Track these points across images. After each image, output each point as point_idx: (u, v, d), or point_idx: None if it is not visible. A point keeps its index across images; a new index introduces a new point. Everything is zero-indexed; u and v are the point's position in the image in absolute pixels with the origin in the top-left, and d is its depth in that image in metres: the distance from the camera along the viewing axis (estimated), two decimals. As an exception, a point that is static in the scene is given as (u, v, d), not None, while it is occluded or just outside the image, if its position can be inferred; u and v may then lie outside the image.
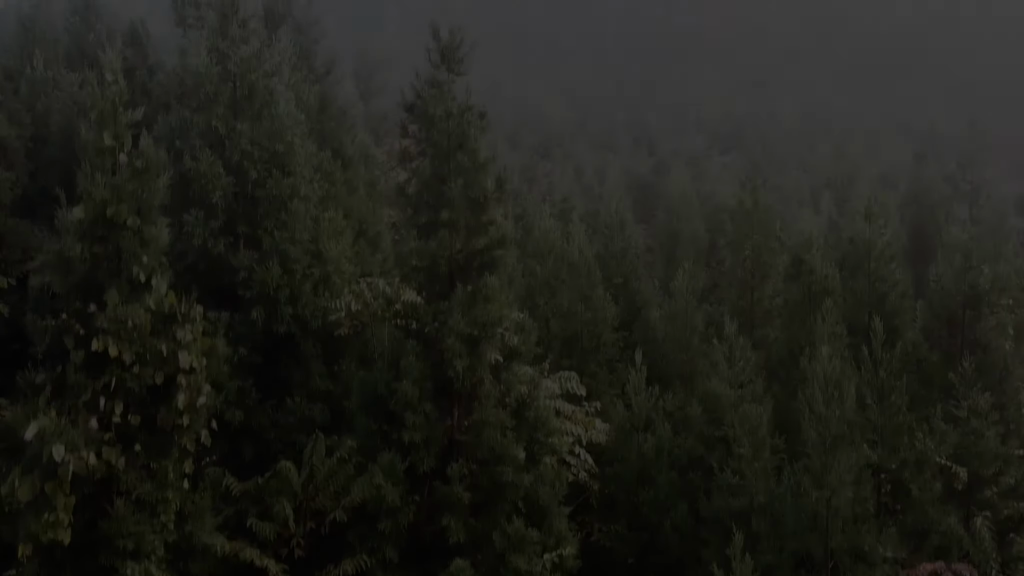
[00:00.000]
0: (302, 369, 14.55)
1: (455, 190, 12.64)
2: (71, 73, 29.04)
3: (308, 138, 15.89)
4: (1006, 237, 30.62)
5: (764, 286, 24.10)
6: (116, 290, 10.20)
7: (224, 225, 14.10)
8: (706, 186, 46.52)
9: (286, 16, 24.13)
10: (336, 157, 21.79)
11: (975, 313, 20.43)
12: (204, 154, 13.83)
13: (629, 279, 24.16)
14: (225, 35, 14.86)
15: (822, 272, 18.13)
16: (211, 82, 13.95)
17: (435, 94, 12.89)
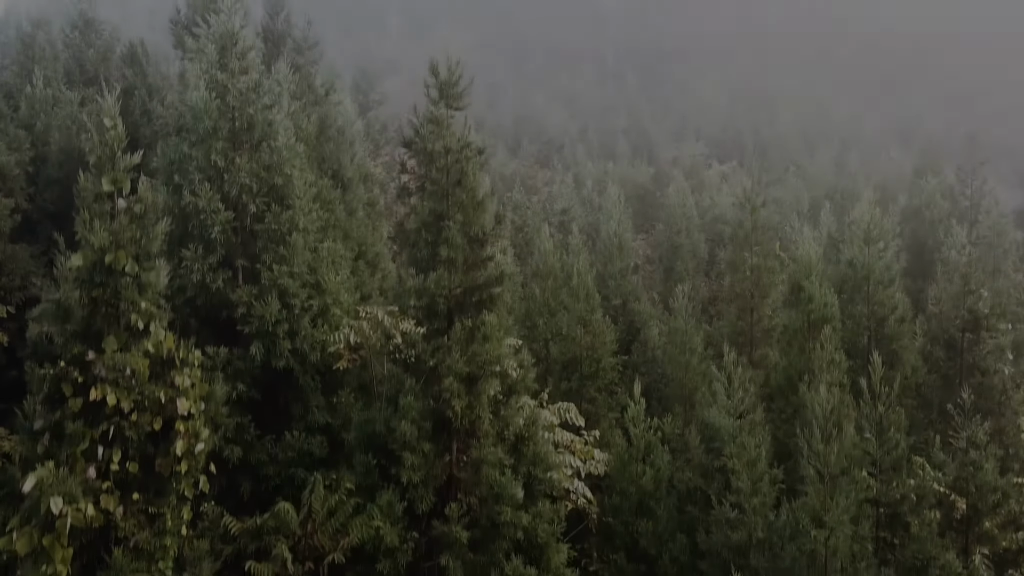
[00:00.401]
0: (301, 402, 14.56)
1: (453, 228, 12.64)
2: (70, 90, 29.14)
3: (307, 167, 15.86)
4: (1006, 253, 30.62)
5: (763, 306, 24.08)
6: (114, 337, 10.20)
7: (223, 259, 14.11)
8: (706, 198, 46.49)
9: (285, 36, 24.17)
10: (335, 179, 21.86)
11: (974, 336, 20.45)
12: (203, 189, 13.84)
13: (628, 300, 24.16)
14: (224, 67, 14.86)
15: (821, 299, 18.10)
16: (210, 117, 13.95)
17: (433, 131, 12.88)
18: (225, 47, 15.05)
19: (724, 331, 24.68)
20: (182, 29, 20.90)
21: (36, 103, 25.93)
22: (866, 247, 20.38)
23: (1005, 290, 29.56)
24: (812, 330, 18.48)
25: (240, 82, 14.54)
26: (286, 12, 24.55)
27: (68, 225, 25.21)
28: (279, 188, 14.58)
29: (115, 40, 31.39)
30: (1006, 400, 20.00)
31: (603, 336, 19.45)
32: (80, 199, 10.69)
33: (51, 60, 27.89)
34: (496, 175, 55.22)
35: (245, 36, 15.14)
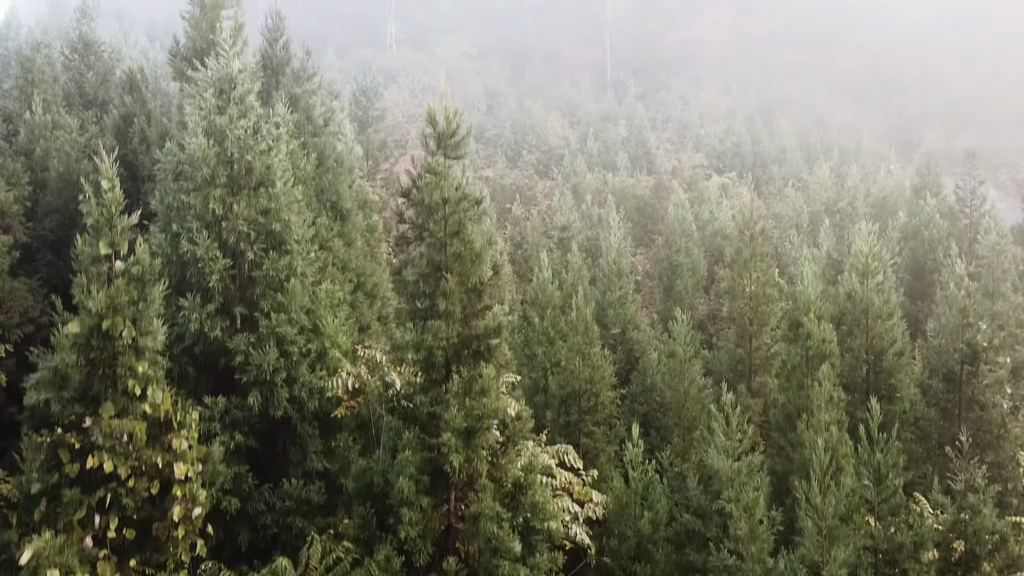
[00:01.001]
0: (299, 447, 14.57)
1: (451, 281, 12.65)
2: (70, 113, 29.18)
3: (305, 210, 15.87)
4: (1005, 274, 30.59)
5: (762, 334, 24.11)
6: (111, 402, 10.20)
7: (221, 306, 14.11)
8: (705, 211, 46.44)
9: (285, 65, 24.15)
10: (334, 210, 21.88)
11: (973, 369, 20.45)
12: (201, 237, 13.84)
13: (627, 328, 24.16)
14: (222, 111, 14.87)
15: (819, 335, 18.11)
16: (208, 165, 13.95)
17: (431, 182, 12.88)
18: (223, 90, 15.06)
19: (723, 359, 24.72)
20: (181, 60, 20.89)
21: (35, 129, 25.95)
22: (865, 279, 20.38)
23: (1004, 312, 29.64)
24: (811, 366, 18.50)
25: (238, 127, 14.54)
26: (285, 39, 24.51)
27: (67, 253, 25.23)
28: (277, 233, 14.59)
29: (115, 61, 31.48)
30: (1005, 434, 20.01)
31: (602, 370, 19.43)
32: (77, 262, 10.68)
33: (50, 83, 27.92)
34: (496, 186, 55.27)
35: (243, 80, 15.14)
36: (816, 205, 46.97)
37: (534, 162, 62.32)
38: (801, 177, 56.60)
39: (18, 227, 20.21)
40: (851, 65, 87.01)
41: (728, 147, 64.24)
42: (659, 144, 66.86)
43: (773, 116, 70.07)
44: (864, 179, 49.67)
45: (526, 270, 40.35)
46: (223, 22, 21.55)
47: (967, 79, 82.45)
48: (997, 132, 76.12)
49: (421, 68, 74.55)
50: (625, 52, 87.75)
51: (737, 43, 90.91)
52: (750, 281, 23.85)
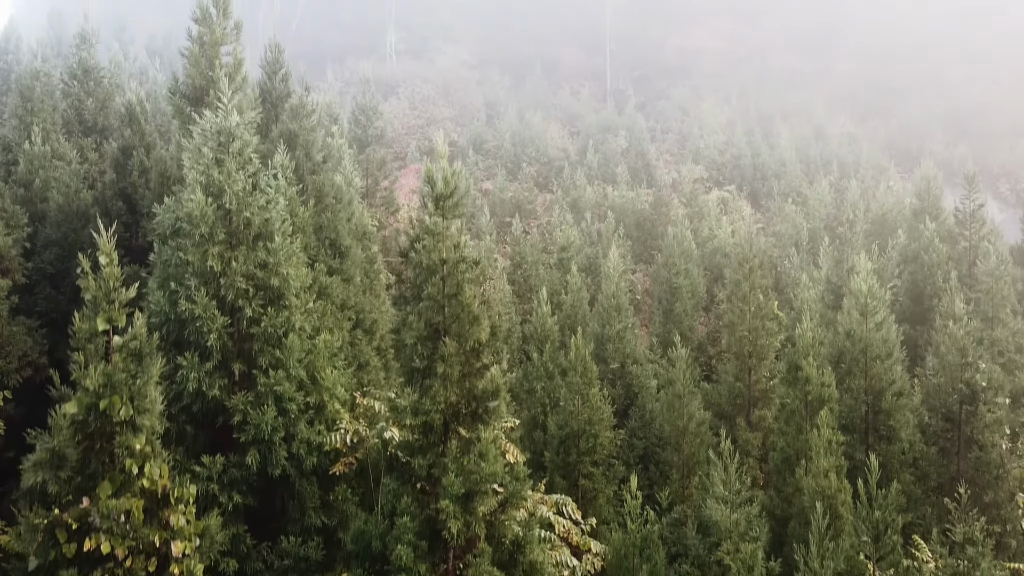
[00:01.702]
0: (297, 504, 14.56)
1: (450, 345, 12.64)
2: (69, 140, 29.19)
3: (302, 263, 15.85)
4: (1004, 299, 30.53)
5: (761, 367, 24.13)
6: (108, 481, 10.19)
7: (219, 363, 14.10)
8: (704, 227, 46.44)
9: (284, 99, 24.16)
10: (332, 247, 21.89)
11: (972, 408, 20.45)
12: (199, 295, 13.83)
13: (626, 362, 24.14)
14: (220, 164, 14.86)
15: (818, 380, 18.11)
16: (206, 223, 13.93)
17: (429, 244, 12.87)
18: (222, 143, 15.05)
19: (722, 391, 24.73)
20: (180, 98, 20.88)
21: (34, 159, 25.96)
22: (864, 319, 20.37)
23: (1003, 339, 29.63)
24: (810, 409, 18.51)
25: (236, 182, 14.52)
26: (284, 71, 24.53)
27: (67, 286, 25.21)
28: (275, 288, 14.58)
29: (114, 87, 31.47)
30: (1004, 474, 20.01)
31: (601, 411, 19.43)
32: (75, 339, 10.66)
33: (49, 112, 27.94)
34: (495, 199, 55.31)
35: (241, 133, 15.12)
36: (816, 222, 46.97)
37: (534, 174, 62.32)
38: (801, 191, 56.60)
39: (17, 269, 20.20)
40: (851, 73, 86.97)
41: (728, 159, 64.25)
42: (659, 155, 66.87)
43: (773, 126, 70.01)
44: (863, 195, 49.62)
45: (525, 290, 40.42)
46: (222, 59, 21.60)
47: (967, 88, 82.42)
48: (997, 142, 76.13)
49: (421, 78, 74.59)
50: (625, 60, 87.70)
51: (736, 51, 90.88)
52: (749, 314, 23.84)
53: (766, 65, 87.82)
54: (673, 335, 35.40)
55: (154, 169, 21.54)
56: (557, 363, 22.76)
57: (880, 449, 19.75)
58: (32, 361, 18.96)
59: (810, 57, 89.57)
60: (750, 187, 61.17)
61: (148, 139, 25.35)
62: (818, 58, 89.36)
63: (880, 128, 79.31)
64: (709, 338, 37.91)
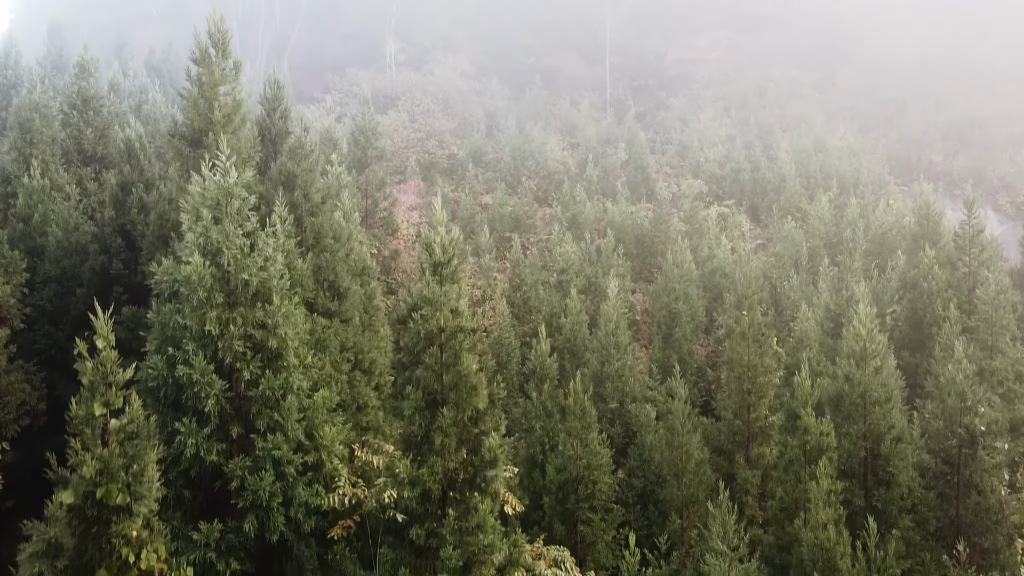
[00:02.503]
0: (295, 565, 14.55)
1: (447, 416, 12.64)
2: (68, 170, 29.18)
3: (301, 322, 15.84)
4: (1004, 328, 30.49)
5: (760, 405, 24.12)
6: (105, 569, 10.19)
7: (217, 427, 14.10)
8: (703, 246, 46.41)
9: (284, 136, 24.16)
10: (331, 290, 21.88)
11: (971, 452, 20.43)
12: (198, 360, 13.82)
13: (625, 401, 24.12)
14: (219, 222, 14.85)
15: (817, 429, 18.09)
16: (204, 287, 13.92)
17: (427, 313, 12.87)
18: (220, 203, 15.04)
19: (722, 429, 24.73)
20: (180, 140, 20.88)
21: (33, 194, 25.99)
22: (863, 364, 20.36)
23: (1003, 369, 29.61)
24: (809, 458, 18.49)
25: (234, 243, 14.51)
26: (283, 106, 24.55)
27: (65, 323, 25.16)
28: (273, 350, 14.57)
29: (113, 116, 31.50)
30: (1002, 519, 19.99)
31: (600, 456, 19.41)
32: (72, 424, 10.65)
33: (48, 143, 27.97)
34: (495, 214, 55.30)
35: (240, 192, 15.12)
36: (815, 240, 46.92)
37: (533, 188, 62.29)
38: (800, 207, 56.56)
39: (16, 315, 20.19)
40: (850, 84, 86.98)
41: (727, 172, 64.21)
42: (659, 168, 66.83)
43: (772, 138, 70.01)
44: (863, 213, 49.56)
45: (524, 311, 40.41)
46: (221, 99, 21.61)
47: (966, 99, 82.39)
48: (996, 153, 76.10)
49: (420, 90, 74.53)
50: (625, 71, 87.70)
51: (736, 61, 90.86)
52: (748, 353, 23.83)
53: (766, 76, 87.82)
54: (672, 360, 35.65)
55: (154, 211, 21.52)
56: (556, 402, 22.72)
57: (879, 495, 19.75)
58: (31, 408, 18.96)
59: (810, 68, 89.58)
60: (749, 201, 61.13)
61: (147, 175, 25.37)
62: (818, 69, 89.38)
63: (880, 139, 79.27)
64: (709, 360, 37.90)
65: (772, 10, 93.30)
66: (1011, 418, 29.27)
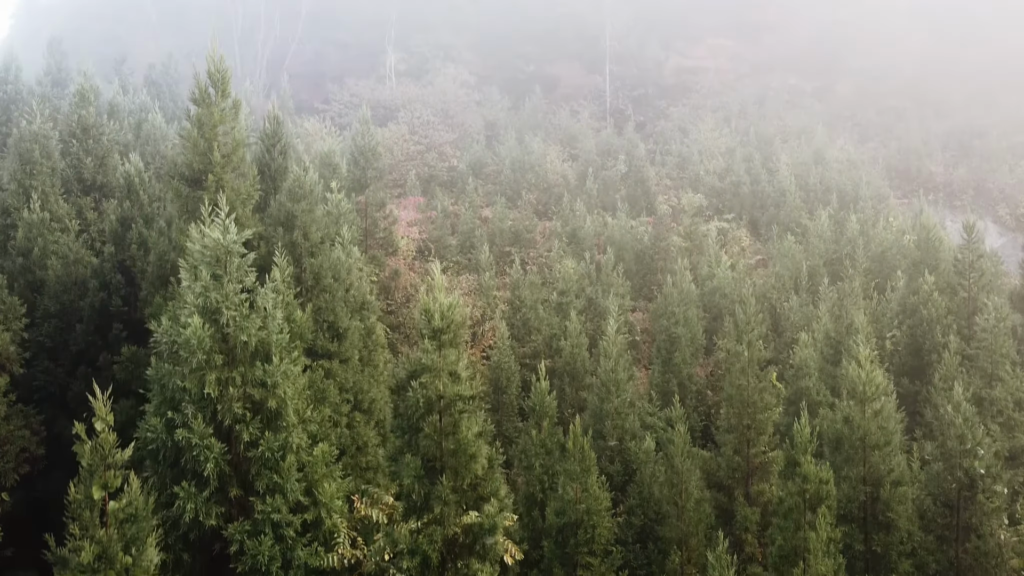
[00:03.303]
0: (295, 627, 14.55)
1: (446, 485, 12.65)
2: (68, 200, 29.17)
3: (300, 376, 15.83)
4: (1004, 357, 30.49)
5: (759, 441, 24.13)
6: (105, 653, 10.20)
7: (216, 489, 14.10)
8: (703, 264, 46.39)
9: (283, 172, 24.17)
10: (330, 330, 21.89)
11: (970, 495, 20.44)
12: (196, 423, 13.82)
13: (624, 439, 24.12)
14: (218, 279, 14.85)
15: (816, 476, 18.08)
16: (203, 350, 13.92)
17: (426, 381, 12.87)
18: (219, 258, 15.04)
19: (721, 464, 24.73)
20: (179, 181, 20.89)
21: (33, 227, 26.00)
22: (863, 406, 20.37)
23: (1002, 399, 29.63)
24: (808, 505, 18.48)
25: (233, 303, 14.51)
26: (282, 143, 24.56)
27: (65, 358, 25.11)
28: (273, 410, 14.57)
29: (113, 143, 31.51)
30: (1001, 562, 20.00)
31: (599, 501, 19.41)
32: (69, 509, 10.65)
33: (48, 175, 27.97)
34: (495, 229, 55.30)
35: (240, 250, 15.11)
36: (815, 259, 46.89)
37: (533, 201, 62.29)
38: (800, 222, 56.55)
39: (15, 360, 20.17)
40: (850, 92, 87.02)
41: (727, 186, 64.18)
42: (659, 181, 66.81)
43: (772, 149, 69.97)
44: (863, 231, 49.56)
45: (524, 333, 40.42)
46: (221, 138, 21.63)
47: (967, 108, 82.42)
48: (996, 164, 76.08)
49: (421, 102, 74.51)
50: (625, 80, 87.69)
51: (736, 69, 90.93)
52: (747, 388, 23.84)
53: (766, 84, 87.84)
54: (672, 384, 35.67)
55: (153, 251, 21.51)
56: (556, 440, 22.74)
57: (878, 539, 19.77)
58: (30, 455, 18.95)
59: (810, 76, 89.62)
60: (749, 215, 61.12)
61: (147, 210, 25.37)
62: (818, 77, 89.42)
63: (880, 149, 79.28)
64: (709, 382, 37.92)
65: (772, 18, 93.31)
66: (1011, 447, 29.30)
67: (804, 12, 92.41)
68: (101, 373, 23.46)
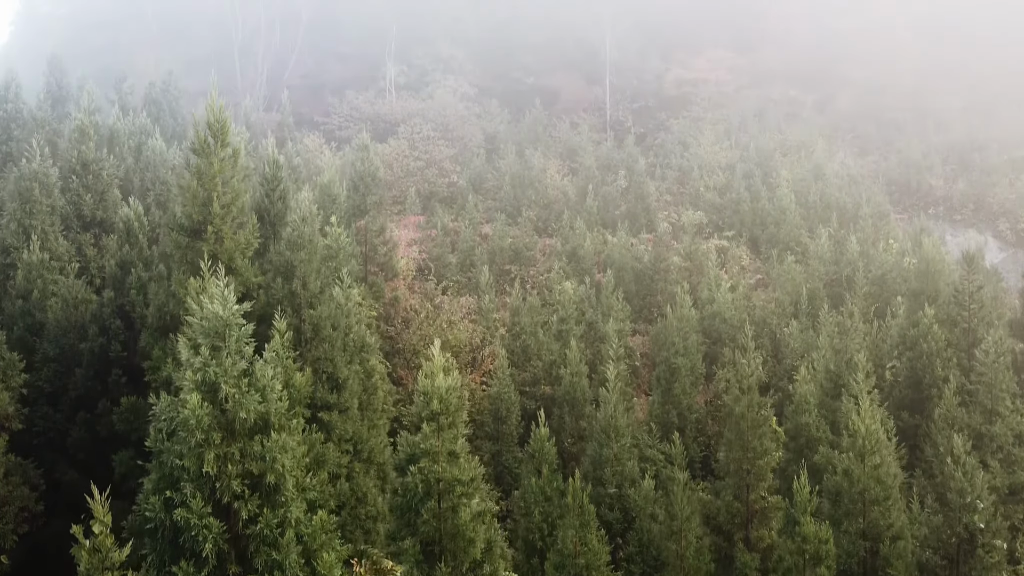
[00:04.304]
0: None
1: (444, 572, 12.65)
2: (67, 237, 29.17)
3: (300, 456, 15.80)
4: (1004, 392, 30.47)
5: (759, 487, 24.13)
6: None
7: (215, 568, 14.08)
8: (703, 288, 46.35)
9: (282, 217, 24.17)
10: (329, 381, 21.90)
11: (970, 548, 20.44)
12: (195, 502, 13.80)
13: (623, 485, 24.12)
14: (216, 352, 14.83)
15: (815, 536, 18.10)
16: (202, 429, 13.90)
17: (424, 466, 12.87)
18: (219, 331, 15.02)
19: (720, 508, 24.73)
20: (179, 233, 20.89)
21: (32, 269, 25.99)
22: (862, 460, 20.36)
23: (1001, 435, 29.63)
24: (808, 563, 18.50)
25: (232, 378, 14.49)
26: (282, 187, 24.55)
27: (64, 403, 25.09)
28: (271, 485, 14.55)
29: (112, 178, 31.52)
30: (1002, 618, 20.01)
31: (599, 557, 19.40)
32: None
33: (48, 214, 27.98)
34: (495, 247, 55.35)
35: (239, 321, 15.09)
36: (816, 281, 46.89)
37: (533, 218, 62.30)
38: (800, 240, 56.57)
39: (15, 417, 20.14)
40: (850, 104, 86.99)
41: (727, 202, 64.16)
42: (659, 197, 66.80)
43: (772, 164, 69.92)
44: (863, 252, 49.59)
45: (523, 360, 40.41)
46: (220, 188, 21.64)
47: (967, 120, 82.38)
48: (997, 178, 76.01)
49: (420, 116, 74.53)
50: (625, 91, 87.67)
51: (736, 81, 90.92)
52: (747, 434, 23.84)
53: (766, 95, 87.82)
54: (672, 415, 35.68)
55: (153, 303, 21.48)
56: (555, 486, 22.73)
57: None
58: (30, 514, 18.93)
59: (810, 87, 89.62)
60: (750, 232, 61.09)
61: (146, 254, 25.37)
62: (818, 88, 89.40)
63: (880, 163, 79.31)
64: (709, 411, 37.92)
65: (772, 29, 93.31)
66: (1011, 484, 29.31)
67: (804, 24, 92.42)
68: (100, 420, 23.50)
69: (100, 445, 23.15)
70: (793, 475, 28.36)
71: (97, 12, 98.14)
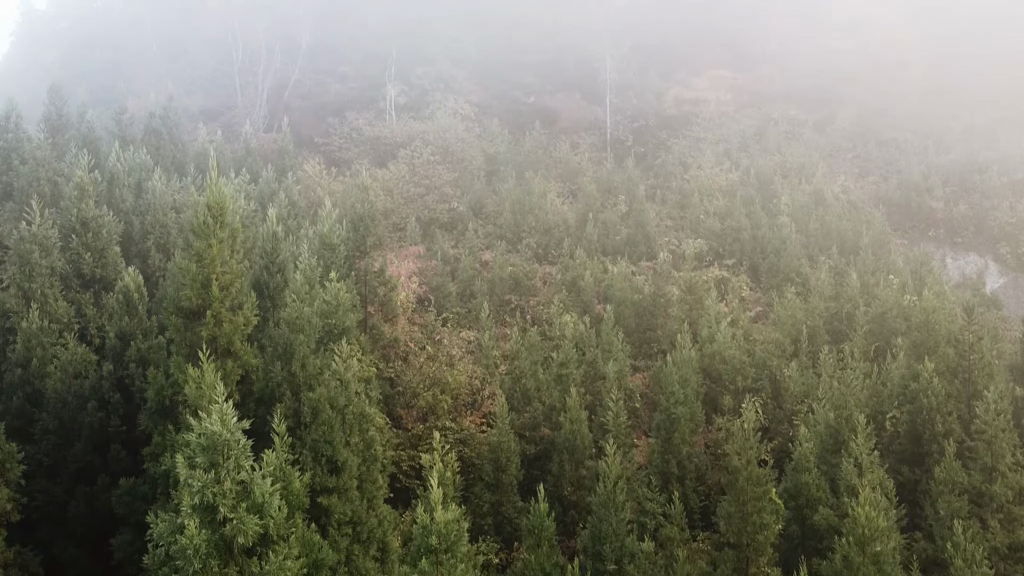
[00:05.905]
0: None
1: None
2: (66, 297, 29.17)
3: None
4: (1005, 448, 30.46)
5: (759, 560, 24.11)
6: None
7: None
8: (703, 327, 46.26)
9: (281, 290, 24.17)
10: (329, 463, 21.87)
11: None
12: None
13: (623, 561, 24.10)
14: (215, 473, 14.84)
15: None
16: (199, 558, 13.90)
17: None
18: (217, 448, 15.03)
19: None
20: (178, 317, 20.89)
21: (32, 337, 26.00)
22: (861, 548, 20.34)
23: (1001, 494, 29.64)
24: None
25: (230, 500, 14.51)
26: (281, 258, 24.55)
27: (64, 476, 25.10)
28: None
29: (113, 234, 31.51)
30: None
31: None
32: None
33: (47, 275, 27.98)
34: (495, 276, 55.30)
35: (239, 438, 15.11)
36: (815, 319, 46.82)
37: (533, 245, 62.28)
38: (800, 271, 56.54)
39: (14, 510, 20.11)
40: (850, 123, 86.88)
41: (727, 228, 64.08)
42: (659, 222, 66.73)
43: (772, 189, 69.87)
44: (864, 288, 49.58)
45: (523, 404, 40.38)
46: (219, 269, 21.63)
47: (967, 141, 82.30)
48: (997, 201, 75.88)
49: (421, 139, 74.47)
50: (625, 111, 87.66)
51: (736, 100, 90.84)
52: (745, 508, 23.83)
53: (766, 115, 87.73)
54: (672, 466, 35.66)
55: (152, 386, 21.44)
56: (554, 562, 22.75)
57: None
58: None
59: (810, 107, 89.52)
60: (750, 260, 61.03)
61: (145, 325, 25.36)
62: (818, 108, 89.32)
63: (880, 184, 79.22)
64: (709, 460, 37.89)
65: (773, 49, 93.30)
66: (1010, 542, 29.34)
67: (805, 44, 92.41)
68: (100, 496, 23.49)
69: (100, 521, 23.17)
70: (793, 537, 28.35)
71: (98, 32, 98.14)
